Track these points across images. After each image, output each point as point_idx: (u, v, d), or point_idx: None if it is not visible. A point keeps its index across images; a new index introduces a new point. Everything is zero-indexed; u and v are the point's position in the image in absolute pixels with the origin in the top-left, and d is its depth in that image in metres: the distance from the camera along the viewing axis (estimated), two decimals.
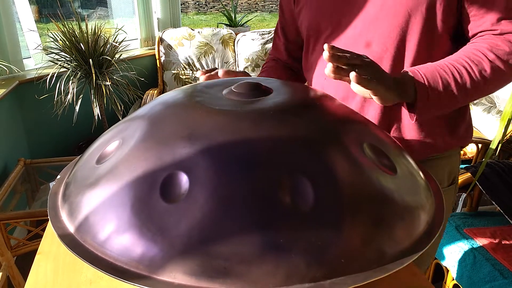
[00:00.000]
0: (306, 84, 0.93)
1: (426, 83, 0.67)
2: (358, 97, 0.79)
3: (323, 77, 0.82)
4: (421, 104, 0.67)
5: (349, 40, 0.79)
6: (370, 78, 0.61)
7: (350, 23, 0.78)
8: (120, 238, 0.42)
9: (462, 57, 0.70)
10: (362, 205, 0.45)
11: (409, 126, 0.79)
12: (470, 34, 0.73)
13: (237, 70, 2.80)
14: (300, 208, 0.42)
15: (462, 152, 1.68)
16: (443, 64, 0.69)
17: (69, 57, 2.09)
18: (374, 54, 0.75)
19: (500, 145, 1.11)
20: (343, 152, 0.48)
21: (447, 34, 0.74)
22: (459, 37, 0.76)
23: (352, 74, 0.60)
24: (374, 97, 0.65)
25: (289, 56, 0.98)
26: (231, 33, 2.78)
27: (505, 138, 1.83)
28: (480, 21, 0.71)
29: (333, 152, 0.48)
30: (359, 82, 0.60)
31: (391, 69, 0.74)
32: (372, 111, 0.80)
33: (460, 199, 1.92)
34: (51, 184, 0.56)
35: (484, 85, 0.69)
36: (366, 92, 0.64)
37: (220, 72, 0.76)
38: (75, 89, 2.05)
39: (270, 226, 0.40)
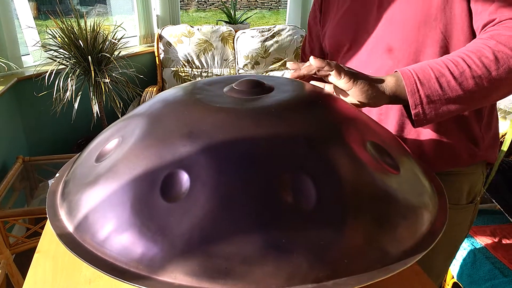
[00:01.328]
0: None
1: (413, 72, 0.63)
2: (374, 110, 0.79)
3: None
4: (412, 99, 0.62)
5: (366, 57, 0.79)
6: (351, 70, 0.62)
7: (364, 41, 0.79)
8: (120, 238, 0.41)
9: (459, 50, 0.66)
10: (365, 204, 0.44)
11: (428, 138, 0.77)
12: (478, 30, 0.69)
13: (236, 67, 2.80)
14: (302, 207, 0.41)
15: None
16: (438, 59, 0.66)
17: (68, 54, 2.08)
18: (392, 63, 0.75)
19: None
20: (346, 151, 0.47)
21: (472, 36, 0.70)
22: None
23: (332, 63, 0.60)
24: (361, 96, 0.63)
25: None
26: (231, 31, 2.77)
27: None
28: (480, 14, 0.67)
29: (336, 150, 0.47)
30: (339, 72, 0.60)
31: None
32: (389, 125, 0.78)
33: None
34: (50, 182, 0.56)
35: (489, 74, 0.62)
36: (351, 92, 0.63)
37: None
38: (74, 86, 2.04)
39: (272, 226, 0.40)
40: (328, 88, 0.67)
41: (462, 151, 0.78)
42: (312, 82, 0.68)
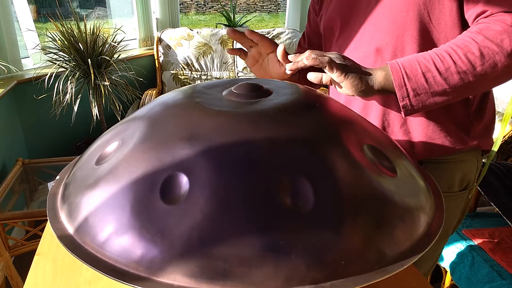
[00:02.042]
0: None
1: (402, 67, 0.67)
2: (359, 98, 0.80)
3: None
4: (400, 93, 0.67)
5: (356, 40, 0.81)
6: (344, 64, 0.66)
7: (355, 24, 0.81)
8: (120, 240, 0.42)
9: (447, 44, 0.68)
10: (362, 206, 0.45)
11: (415, 126, 0.78)
12: (471, 19, 0.70)
13: (236, 70, 2.81)
14: (300, 210, 0.41)
15: None
16: (425, 53, 0.68)
17: (68, 57, 2.09)
18: (376, 49, 0.77)
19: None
20: (343, 154, 0.48)
21: (456, 27, 0.71)
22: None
23: (325, 59, 0.64)
24: (351, 89, 0.67)
25: None
26: None
27: (504, 139, 1.83)
28: (472, 5, 0.68)
29: (333, 153, 0.48)
30: (331, 67, 0.65)
31: None
32: (375, 111, 0.80)
33: None
34: (49, 184, 0.56)
35: (474, 69, 0.64)
36: (343, 84, 0.67)
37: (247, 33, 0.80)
38: (73, 89, 2.05)
39: (270, 228, 0.40)
40: (326, 77, 0.71)
41: (450, 137, 0.79)
42: (311, 73, 0.72)
